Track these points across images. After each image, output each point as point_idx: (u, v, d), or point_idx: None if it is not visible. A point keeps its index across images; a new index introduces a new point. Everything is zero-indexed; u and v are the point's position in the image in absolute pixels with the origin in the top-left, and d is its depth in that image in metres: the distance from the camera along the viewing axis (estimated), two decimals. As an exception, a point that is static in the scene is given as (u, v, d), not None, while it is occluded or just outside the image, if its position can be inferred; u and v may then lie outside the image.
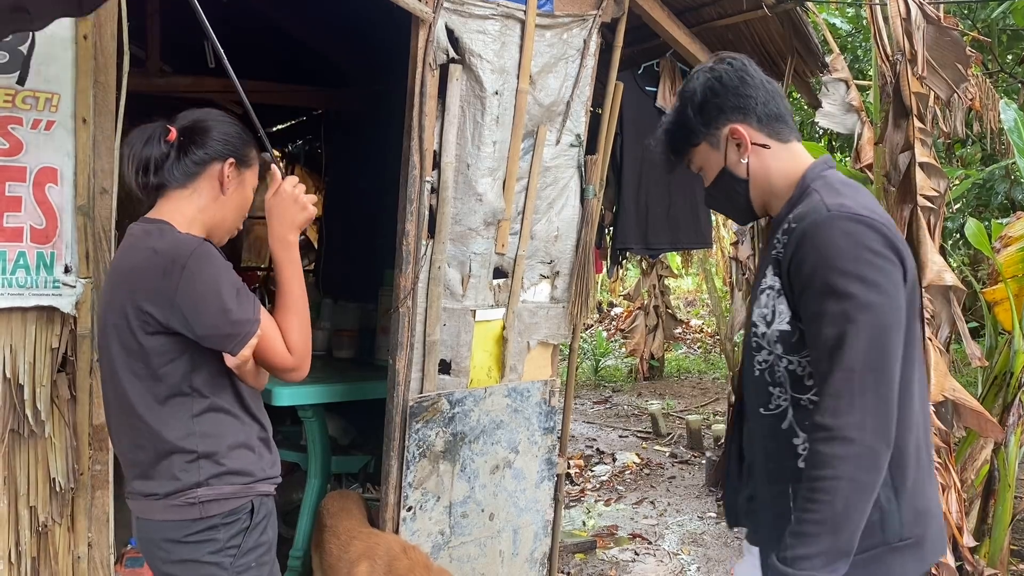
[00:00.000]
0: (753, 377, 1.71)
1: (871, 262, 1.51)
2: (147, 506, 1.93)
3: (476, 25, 2.97)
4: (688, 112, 1.77)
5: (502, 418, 3.32)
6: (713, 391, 8.91)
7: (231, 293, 1.84)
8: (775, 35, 3.69)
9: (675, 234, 4.09)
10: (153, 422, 1.88)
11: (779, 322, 1.62)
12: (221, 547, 1.91)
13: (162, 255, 1.83)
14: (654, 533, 4.90)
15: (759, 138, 1.73)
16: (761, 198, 1.78)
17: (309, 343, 1.96)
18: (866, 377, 1.47)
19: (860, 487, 1.46)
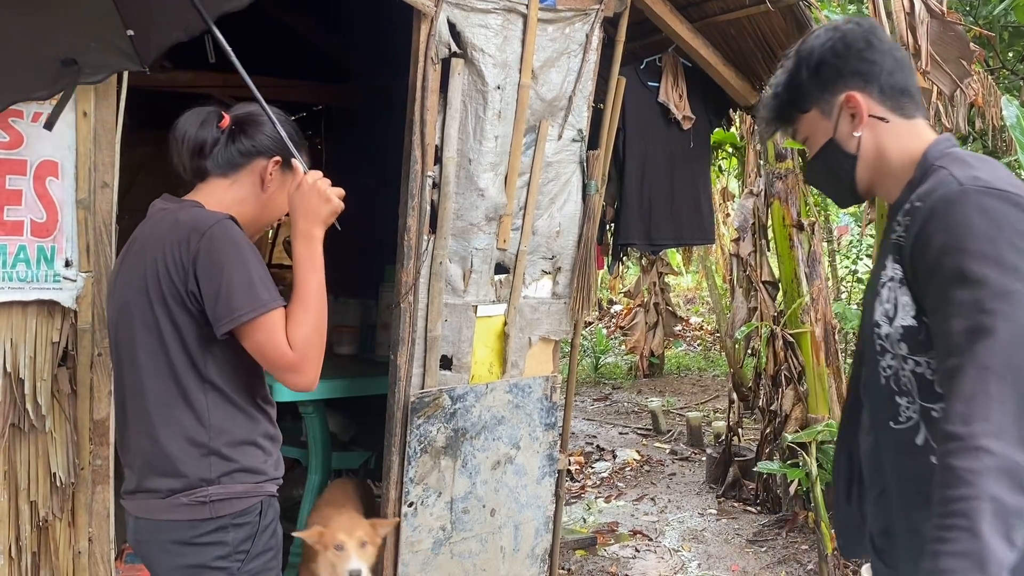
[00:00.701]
0: (879, 386, 1.49)
1: (1013, 243, 1.28)
2: (150, 505, 1.83)
3: (478, 19, 2.96)
4: (802, 73, 1.56)
5: (503, 414, 3.31)
6: (713, 388, 8.90)
7: (253, 266, 1.76)
8: (778, 30, 3.67)
9: (678, 229, 4.08)
10: (165, 410, 1.80)
11: (902, 316, 1.40)
12: (230, 551, 1.81)
13: (184, 224, 1.78)
14: (655, 530, 4.89)
15: (878, 110, 1.52)
16: (870, 178, 1.57)
17: (315, 345, 1.79)
18: (1005, 376, 1.22)
19: (1005, 510, 1.17)
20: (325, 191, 1.85)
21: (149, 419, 1.82)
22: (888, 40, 1.54)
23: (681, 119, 3.96)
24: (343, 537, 2.65)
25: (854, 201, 1.68)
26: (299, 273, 1.84)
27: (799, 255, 5.01)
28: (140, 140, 3.56)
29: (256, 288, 1.74)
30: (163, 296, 1.76)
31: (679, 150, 4.04)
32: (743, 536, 4.77)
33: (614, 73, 3.47)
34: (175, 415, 1.80)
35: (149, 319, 1.79)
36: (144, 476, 1.84)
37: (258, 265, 1.78)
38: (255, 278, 1.75)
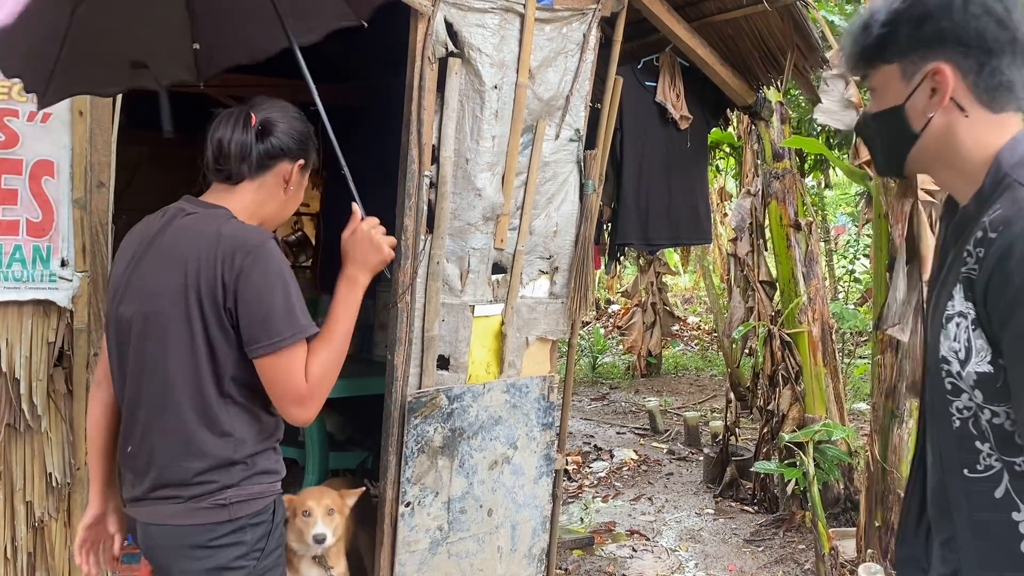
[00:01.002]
0: (951, 429, 1.30)
1: None
2: (166, 511, 1.82)
3: (475, 19, 2.96)
4: (903, 18, 1.31)
5: (500, 414, 3.31)
6: (710, 388, 8.91)
7: (293, 291, 1.78)
8: (775, 30, 3.68)
9: (675, 229, 4.08)
10: (190, 422, 1.79)
11: (976, 362, 1.23)
12: (248, 550, 1.83)
13: (227, 239, 1.77)
14: (652, 529, 4.90)
15: (964, 96, 1.29)
16: (925, 163, 1.39)
17: (327, 383, 1.82)
18: None
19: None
20: (378, 241, 1.91)
21: (172, 430, 1.80)
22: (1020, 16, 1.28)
23: (678, 119, 3.96)
24: (311, 504, 2.68)
25: (895, 175, 1.54)
26: (334, 311, 1.88)
27: (796, 255, 5.01)
28: (137, 139, 3.55)
29: (295, 315, 1.77)
30: (202, 312, 1.76)
31: (676, 150, 4.04)
32: (740, 536, 4.77)
33: (611, 73, 3.47)
34: (200, 427, 1.79)
35: (184, 333, 1.78)
36: (160, 484, 1.83)
37: (297, 289, 1.80)
38: (294, 304, 1.77)
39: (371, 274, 1.94)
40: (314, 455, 3.72)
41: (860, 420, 6.47)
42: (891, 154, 1.42)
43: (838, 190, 12.32)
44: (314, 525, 2.62)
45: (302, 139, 1.95)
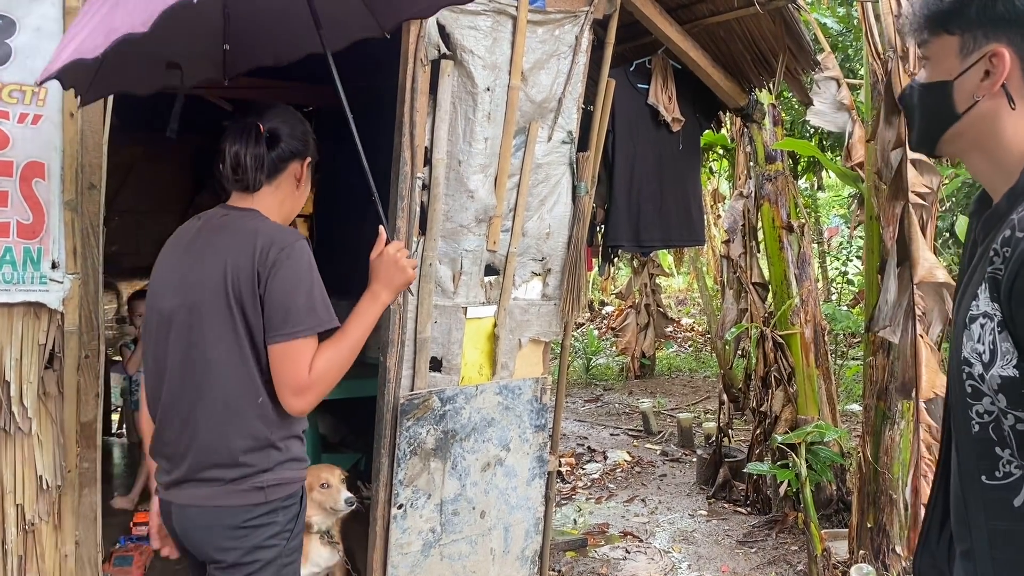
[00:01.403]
0: (971, 434, 1.25)
1: None
2: (205, 493, 1.95)
3: (468, 21, 2.96)
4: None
5: (493, 416, 3.31)
6: (704, 389, 8.92)
7: (318, 288, 1.94)
8: (767, 32, 3.69)
9: (667, 232, 4.09)
10: (235, 406, 1.93)
11: (1002, 365, 1.18)
12: (279, 530, 1.98)
13: (264, 235, 1.93)
14: (645, 531, 4.90)
15: (1017, 88, 1.23)
16: (960, 147, 1.34)
17: (328, 381, 1.95)
18: None
19: None
20: (403, 263, 2.05)
21: (216, 412, 1.94)
22: None
23: (670, 121, 3.97)
24: (326, 475, 2.95)
25: (927, 152, 1.46)
26: (352, 319, 2.02)
27: (789, 256, 5.03)
28: (130, 141, 3.55)
29: (316, 310, 1.92)
30: (241, 300, 1.90)
31: (668, 152, 4.05)
32: (733, 537, 4.78)
33: (604, 75, 3.47)
34: (244, 411, 1.93)
35: (226, 320, 1.92)
36: (201, 467, 1.95)
37: (321, 288, 1.96)
38: (316, 299, 1.92)
39: (395, 294, 2.09)
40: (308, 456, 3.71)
41: (852, 421, 6.49)
42: (928, 129, 1.36)
43: (831, 192, 12.36)
44: (340, 491, 2.90)
45: (305, 138, 2.11)
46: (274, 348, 1.90)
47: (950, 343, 1.32)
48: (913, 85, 1.38)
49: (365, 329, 2.03)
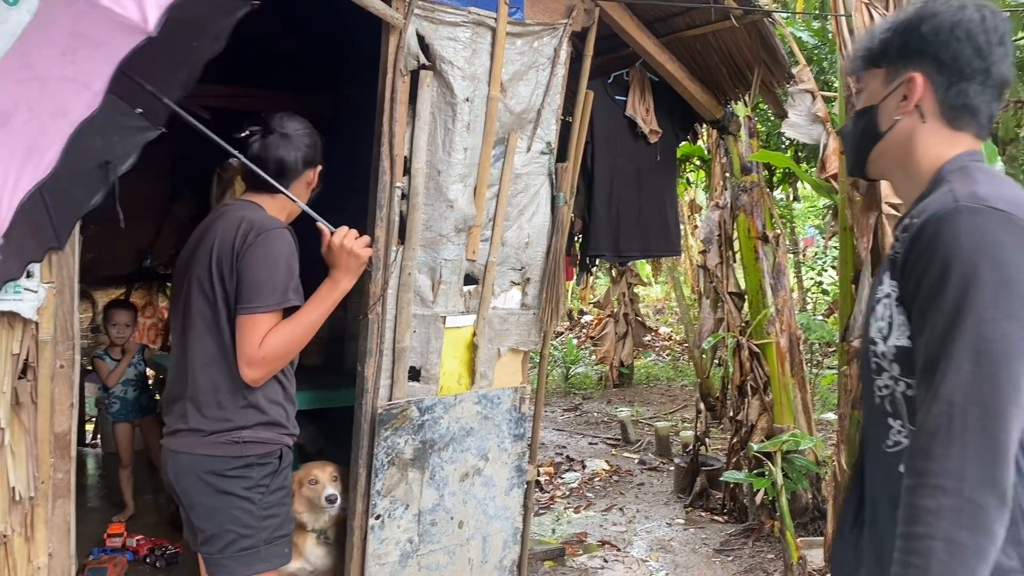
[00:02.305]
0: (873, 405, 1.42)
1: (997, 269, 1.20)
2: (193, 441, 2.21)
3: (447, 32, 2.98)
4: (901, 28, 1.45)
5: (472, 425, 3.31)
6: (681, 398, 8.96)
7: (284, 273, 2.15)
8: (743, 46, 3.73)
9: (645, 242, 4.12)
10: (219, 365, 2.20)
11: (897, 335, 1.33)
12: (254, 484, 2.21)
13: (249, 221, 2.19)
14: (623, 540, 4.91)
15: (929, 107, 1.42)
16: (885, 165, 1.51)
17: (278, 357, 2.17)
18: (968, 411, 1.18)
19: (959, 551, 1.15)
20: (352, 249, 2.24)
21: (201, 373, 2.21)
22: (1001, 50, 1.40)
23: (648, 133, 4.00)
24: (316, 472, 3.01)
25: (860, 174, 1.61)
26: (311, 301, 2.24)
27: (764, 267, 5.08)
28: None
29: (277, 290, 2.14)
30: (222, 273, 2.17)
31: (646, 163, 4.08)
32: (710, 546, 4.80)
33: (582, 87, 3.50)
34: (222, 372, 2.20)
35: (208, 290, 2.19)
36: (191, 417, 2.22)
37: (291, 273, 2.19)
38: (279, 282, 2.15)
39: (355, 277, 2.28)
40: (284, 467, 3.69)
41: (828, 430, 6.55)
42: (858, 152, 1.55)
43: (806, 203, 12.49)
44: (324, 488, 2.96)
45: (317, 147, 2.39)
46: (238, 319, 2.14)
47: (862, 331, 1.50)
48: (852, 117, 1.58)
49: (322, 313, 2.24)
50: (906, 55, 1.44)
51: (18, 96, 1.66)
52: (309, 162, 2.36)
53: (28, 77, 1.64)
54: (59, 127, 1.64)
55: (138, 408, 4.71)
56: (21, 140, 1.66)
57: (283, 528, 2.32)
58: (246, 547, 2.23)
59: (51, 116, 1.65)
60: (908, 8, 1.48)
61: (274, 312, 2.16)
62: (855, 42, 1.64)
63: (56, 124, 1.64)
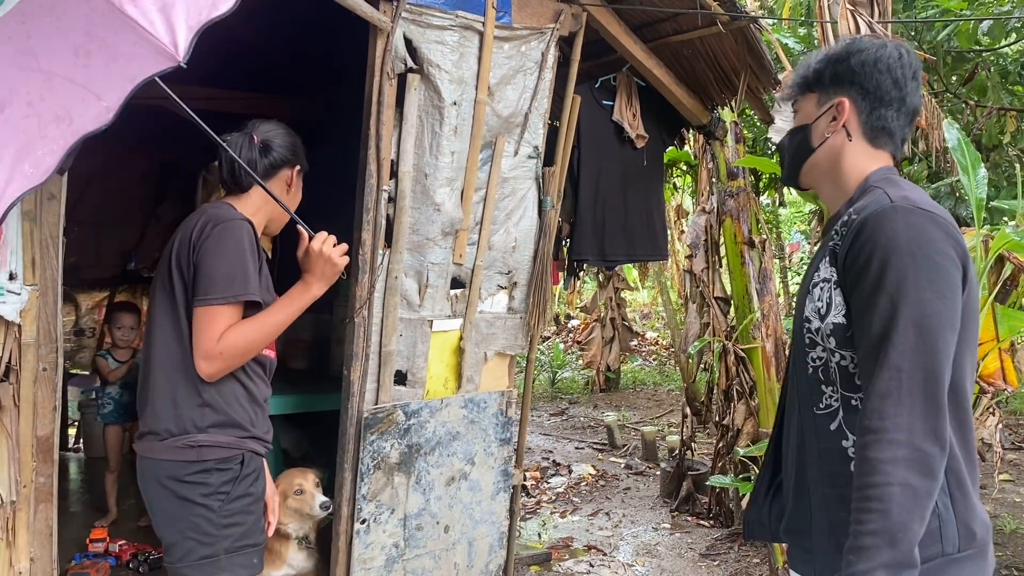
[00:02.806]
0: (807, 375, 1.66)
1: (929, 257, 1.45)
2: (153, 446, 2.14)
3: (434, 35, 2.98)
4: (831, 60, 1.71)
5: (458, 429, 3.31)
6: (668, 403, 8.98)
7: (239, 264, 2.08)
8: (729, 52, 3.75)
9: (631, 246, 4.12)
10: (172, 364, 2.13)
11: (834, 314, 1.57)
12: (212, 491, 2.13)
13: (208, 215, 2.15)
14: (609, 544, 4.91)
15: (855, 128, 1.69)
16: (815, 176, 1.77)
17: (236, 355, 2.11)
18: (915, 376, 1.41)
19: (914, 493, 1.38)
20: (331, 256, 2.18)
21: (160, 373, 2.16)
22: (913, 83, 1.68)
23: (635, 137, 4.01)
24: (299, 481, 2.98)
25: (793, 185, 1.85)
26: (280, 302, 2.21)
27: (750, 272, 5.09)
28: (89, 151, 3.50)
29: (233, 282, 2.07)
30: (181, 269, 2.12)
31: (633, 168, 4.09)
32: (696, 550, 4.81)
33: (569, 91, 3.51)
34: (180, 371, 2.13)
35: (168, 287, 2.15)
36: (150, 419, 2.16)
37: (247, 263, 2.11)
38: (235, 273, 2.08)
39: (328, 284, 2.22)
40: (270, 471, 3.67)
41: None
42: (792, 164, 1.81)
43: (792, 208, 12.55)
44: (315, 496, 2.94)
45: (295, 148, 2.35)
46: (195, 312, 2.09)
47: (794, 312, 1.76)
48: (787, 134, 1.82)
49: (289, 315, 2.19)
50: (836, 83, 1.71)
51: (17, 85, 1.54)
52: (284, 161, 2.32)
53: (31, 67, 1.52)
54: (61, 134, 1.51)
55: (130, 412, 4.69)
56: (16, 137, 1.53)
57: (249, 537, 2.22)
58: (205, 556, 2.14)
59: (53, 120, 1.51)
60: (839, 43, 1.75)
61: (232, 305, 2.09)
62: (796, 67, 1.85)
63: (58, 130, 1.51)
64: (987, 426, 3.82)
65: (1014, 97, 6.38)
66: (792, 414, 1.75)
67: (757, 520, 1.88)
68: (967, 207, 6.05)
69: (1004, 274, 3.83)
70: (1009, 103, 6.20)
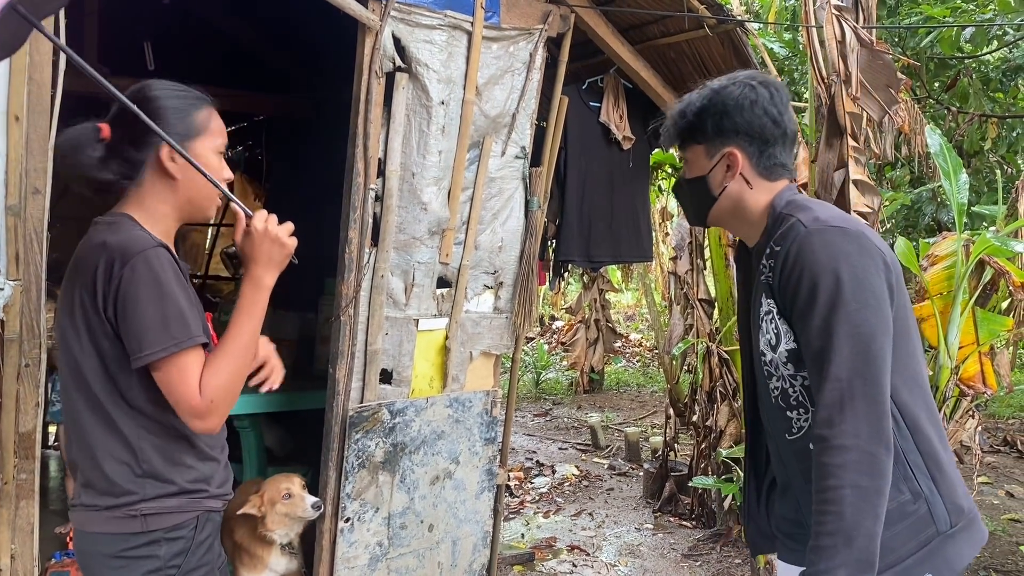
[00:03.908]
0: (770, 404, 1.74)
1: (851, 271, 1.53)
2: (87, 518, 1.79)
3: (423, 35, 2.98)
4: (709, 112, 1.76)
5: (443, 428, 3.31)
6: (651, 404, 9.01)
7: (171, 302, 1.68)
8: (716, 55, 3.77)
9: (616, 247, 4.14)
10: (97, 433, 1.75)
11: (786, 342, 1.64)
12: (161, 566, 1.77)
13: (110, 249, 1.69)
14: (592, 545, 4.92)
15: (750, 173, 1.75)
16: (720, 218, 1.82)
17: (229, 396, 1.73)
18: (854, 384, 1.50)
19: (864, 493, 1.46)
20: (277, 235, 1.77)
21: (85, 440, 1.78)
22: (788, 113, 1.75)
23: (621, 139, 4.03)
24: (286, 485, 2.91)
25: (701, 225, 1.94)
26: (236, 317, 1.77)
27: (734, 274, 5.12)
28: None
29: (171, 326, 1.67)
30: (88, 322, 1.72)
31: (619, 169, 4.11)
32: (678, 551, 4.83)
33: (557, 92, 3.52)
34: (106, 439, 1.76)
35: (76, 346, 1.75)
36: (83, 490, 1.81)
37: (178, 299, 1.70)
38: (171, 314, 1.68)
39: (278, 271, 1.81)
40: (252, 470, 3.66)
41: (795, 436, 6.60)
42: (698, 211, 1.86)
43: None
44: (304, 497, 2.88)
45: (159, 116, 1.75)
46: (158, 372, 1.69)
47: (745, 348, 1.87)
48: (681, 180, 1.88)
49: (255, 325, 1.79)
50: (720, 134, 1.75)
51: None
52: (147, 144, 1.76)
53: None
54: None
55: None
56: None
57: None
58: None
59: None
60: (703, 92, 1.78)
61: (194, 348, 1.70)
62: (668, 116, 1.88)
63: None
64: (967, 429, 3.86)
65: (995, 104, 6.45)
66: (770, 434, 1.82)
67: (758, 532, 1.93)
68: (948, 212, 6.11)
69: (984, 278, 3.88)
70: (991, 110, 6.27)
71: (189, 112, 1.80)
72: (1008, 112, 6.41)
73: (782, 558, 1.86)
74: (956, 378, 3.73)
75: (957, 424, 3.83)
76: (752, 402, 1.90)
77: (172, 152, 1.75)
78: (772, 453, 1.83)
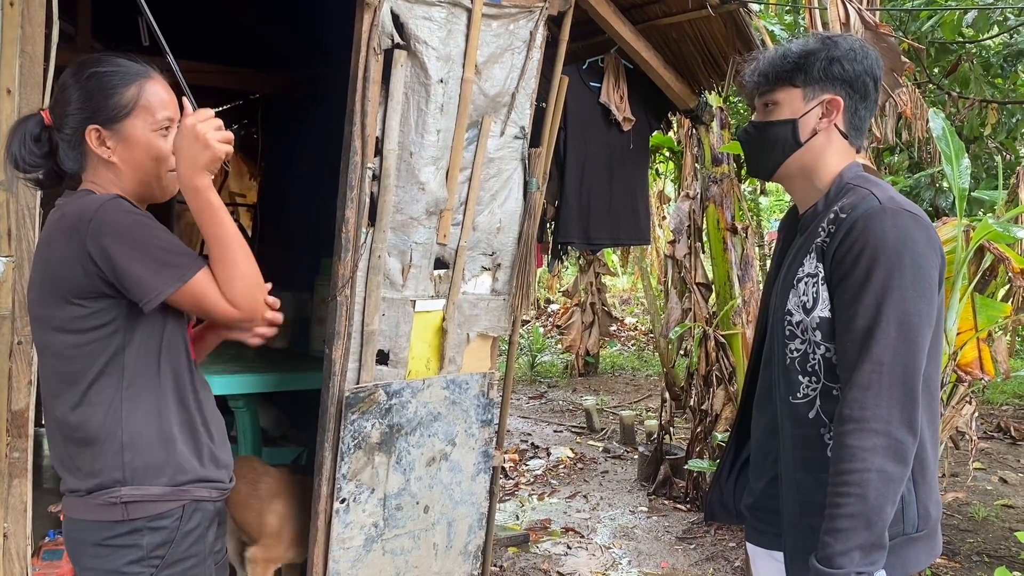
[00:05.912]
0: (784, 366, 1.72)
1: (914, 259, 1.54)
2: (71, 504, 1.75)
3: (422, 11, 2.93)
4: (819, 55, 1.71)
5: (440, 410, 3.29)
6: (646, 388, 9.02)
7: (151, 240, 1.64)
8: (718, 35, 3.74)
9: (615, 229, 4.12)
10: (74, 407, 1.69)
11: (821, 309, 1.63)
12: (143, 556, 1.71)
13: (70, 215, 1.64)
14: (586, 527, 4.93)
15: (841, 125, 1.74)
16: (794, 170, 1.77)
17: (255, 291, 1.69)
18: (895, 370, 1.50)
19: (889, 479, 1.48)
20: (203, 135, 1.64)
21: (62, 416, 1.71)
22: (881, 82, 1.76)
23: (621, 120, 4.00)
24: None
25: (766, 177, 1.86)
26: (204, 230, 1.69)
27: (732, 258, 5.11)
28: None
29: (166, 264, 1.63)
30: (56, 295, 1.66)
31: (618, 151, 4.08)
32: (672, 533, 4.84)
33: (557, 72, 3.48)
34: (86, 410, 1.69)
35: (47, 321, 1.69)
36: (65, 475, 1.76)
37: (156, 236, 1.65)
38: (156, 254, 1.63)
39: (206, 174, 1.67)
40: (247, 451, 3.65)
41: (790, 421, 6.61)
42: (771, 157, 1.78)
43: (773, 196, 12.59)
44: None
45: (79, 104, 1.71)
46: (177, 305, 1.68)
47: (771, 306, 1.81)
48: (755, 124, 1.81)
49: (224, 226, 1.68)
50: (826, 78, 1.71)
51: None
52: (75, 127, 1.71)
53: None
54: None
55: None
56: None
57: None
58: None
59: None
60: (810, 39, 1.76)
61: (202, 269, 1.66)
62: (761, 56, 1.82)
63: None
64: (963, 415, 3.86)
65: (996, 90, 6.42)
66: (764, 400, 1.81)
67: (719, 501, 1.97)
68: (947, 197, 6.09)
69: (984, 264, 3.86)
70: (991, 95, 6.24)
71: (116, 90, 1.72)
72: (1008, 98, 6.39)
73: (750, 539, 1.87)
74: (954, 364, 3.72)
75: (954, 410, 3.82)
76: (754, 370, 1.89)
77: (100, 135, 1.70)
78: (765, 416, 1.81)
